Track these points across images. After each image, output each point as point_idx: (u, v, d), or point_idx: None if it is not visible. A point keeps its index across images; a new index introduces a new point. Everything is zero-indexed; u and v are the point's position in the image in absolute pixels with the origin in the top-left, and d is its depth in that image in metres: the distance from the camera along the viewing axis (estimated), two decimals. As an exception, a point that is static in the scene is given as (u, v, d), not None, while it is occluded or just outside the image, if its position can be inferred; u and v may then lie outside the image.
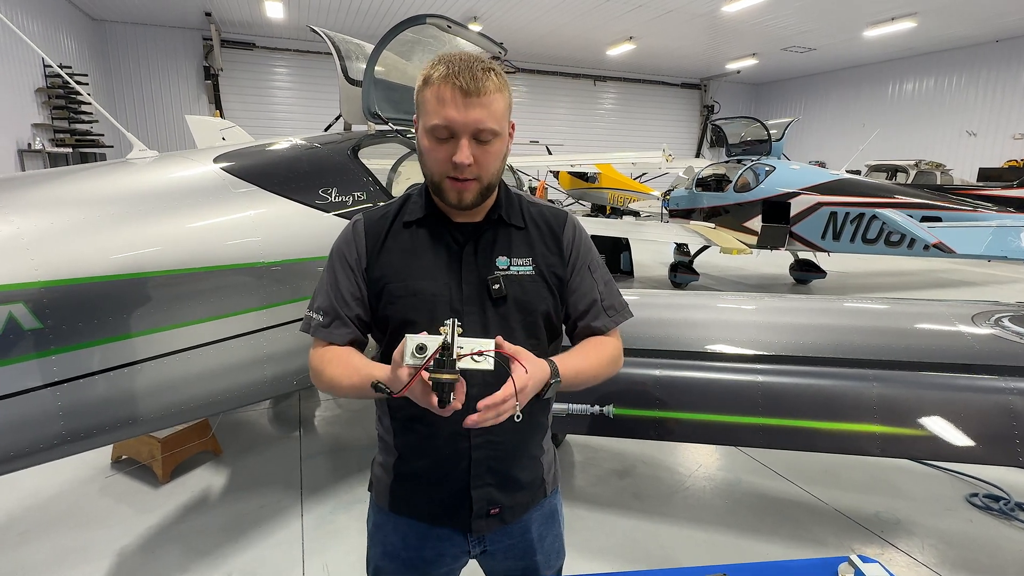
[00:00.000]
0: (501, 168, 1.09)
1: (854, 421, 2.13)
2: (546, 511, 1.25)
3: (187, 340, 1.81)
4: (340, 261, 1.15)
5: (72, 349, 1.54)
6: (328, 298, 1.15)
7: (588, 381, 1.12)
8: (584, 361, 1.11)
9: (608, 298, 1.20)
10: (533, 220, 1.18)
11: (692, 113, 21.85)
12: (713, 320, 2.74)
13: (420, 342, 0.87)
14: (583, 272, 1.18)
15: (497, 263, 1.11)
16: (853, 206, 6.58)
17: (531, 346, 1.12)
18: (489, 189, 1.08)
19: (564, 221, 1.19)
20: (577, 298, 1.18)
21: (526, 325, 1.12)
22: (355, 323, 1.14)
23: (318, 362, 1.13)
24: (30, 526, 2.69)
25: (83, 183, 1.86)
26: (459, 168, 1.02)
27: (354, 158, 2.63)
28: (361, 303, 1.14)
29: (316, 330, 1.15)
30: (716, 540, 2.61)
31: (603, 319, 1.19)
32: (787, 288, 8.58)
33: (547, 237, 1.17)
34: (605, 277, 1.22)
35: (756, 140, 8.11)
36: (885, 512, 2.82)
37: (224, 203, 2.00)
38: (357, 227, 1.17)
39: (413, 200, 1.17)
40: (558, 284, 1.15)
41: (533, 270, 1.13)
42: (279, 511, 2.80)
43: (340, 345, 1.14)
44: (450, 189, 1.05)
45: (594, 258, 1.21)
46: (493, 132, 1.03)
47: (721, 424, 2.28)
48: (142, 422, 1.76)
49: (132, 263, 1.68)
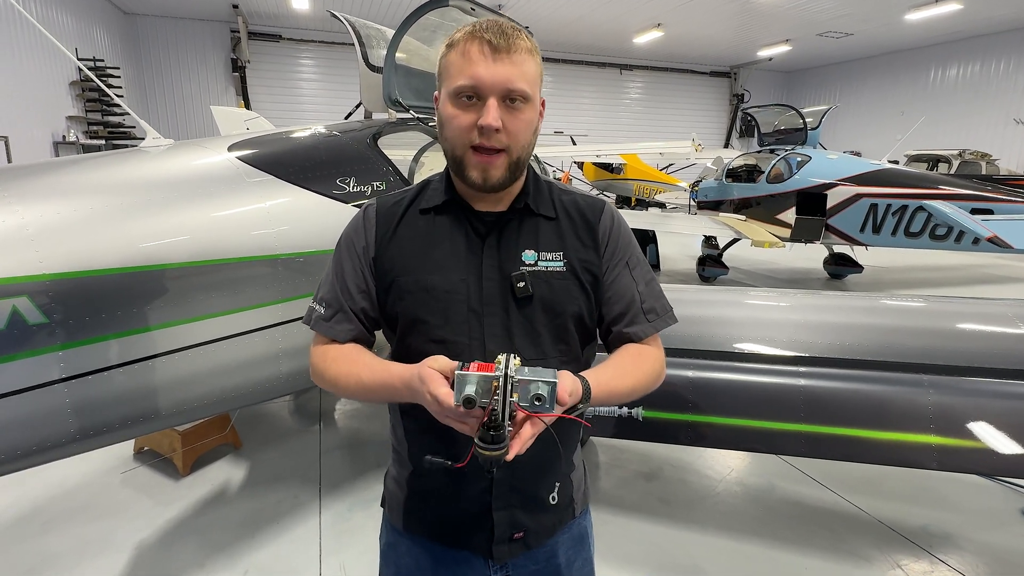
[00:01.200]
0: (532, 144, 0.98)
1: (907, 431, 1.97)
2: (575, 534, 1.14)
3: (197, 336, 1.75)
4: (347, 249, 1.06)
5: (78, 345, 1.49)
6: (332, 289, 1.05)
7: (622, 399, 0.99)
8: (620, 378, 0.98)
9: (649, 300, 1.07)
10: (565, 209, 1.06)
11: (721, 102, 21.28)
12: (749, 318, 2.58)
13: (468, 393, 0.76)
14: (621, 269, 1.06)
15: (523, 257, 1.00)
16: (896, 197, 6.24)
17: (559, 352, 1.01)
18: (519, 167, 0.96)
19: (601, 211, 1.07)
20: (613, 299, 1.05)
21: (554, 329, 1.00)
22: (360, 318, 1.04)
23: (319, 359, 1.04)
24: (54, 516, 2.70)
25: (92, 172, 1.81)
26: (486, 133, 0.90)
27: (374, 147, 2.54)
28: (367, 296, 1.04)
29: (317, 323, 1.05)
30: (748, 551, 2.47)
31: (641, 324, 1.06)
32: (821, 283, 8.26)
33: (580, 228, 1.05)
34: (646, 276, 1.09)
35: (791, 129, 7.79)
36: (933, 525, 2.63)
37: (238, 193, 1.93)
38: (368, 213, 1.06)
39: (433, 186, 1.07)
40: (592, 282, 1.03)
41: (564, 266, 1.01)
42: (297, 507, 2.76)
43: (342, 342, 1.04)
44: (474, 164, 0.94)
45: (634, 254, 1.09)
46: (524, 95, 0.92)
47: (759, 430, 2.14)
48: (151, 420, 1.71)
49: (141, 255, 1.62)
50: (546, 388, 0.77)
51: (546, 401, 0.77)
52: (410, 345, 1.00)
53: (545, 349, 0.99)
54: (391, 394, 0.92)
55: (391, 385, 0.91)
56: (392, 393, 0.92)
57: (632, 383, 0.99)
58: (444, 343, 0.97)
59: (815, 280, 8.42)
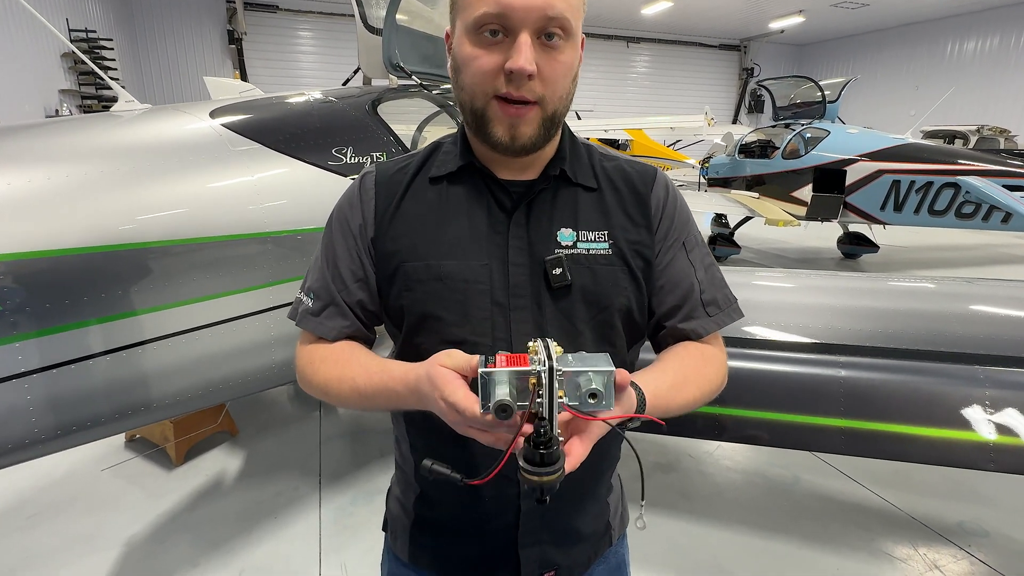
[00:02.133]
0: (571, 94, 0.78)
1: (960, 428, 1.79)
2: (612, 564, 0.97)
3: (177, 324, 1.57)
4: (340, 228, 0.86)
5: (37, 335, 1.31)
6: (322, 277, 0.86)
7: (678, 413, 0.79)
8: (681, 389, 0.78)
9: (709, 289, 0.88)
10: (609, 178, 0.86)
11: (730, 77, 20.74)
12: (779, 302, 2.38)
13: (502, 398, 0.56)
14: (676, 251, 0.86)
15: (559, 237, 0.81)
16: (920, 174, 5.96)
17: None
18: (554, 123, 0.76)
19: (653, 179, 0.87)
20: (667, 288, 0.86)
21: (597, 326, 0.81)
22: (356, 312, 0.86)
23: (306, 361, 0.85)
24: (40, 509, 2.56)
25: (52, 139, 1.60)
26: (516, 80, 0.70)
27: (373, 114, 2.32)
28: (365, 286, 0.85)
29: (303, 319, 0.87)
30: (774, 549, 2.32)
31: (701, 319, 0.87)
32: (834, 263, 8.04)
33: (629, 202, 0.85)
34: (706, 259, 0.90)
35: (808, 102, 7.47)
36: (970, 522, 2.48)
37: (220, 163, 1.73)
38: (365, 183, 0.86)
39: (445, 149, 0.87)
40: (643, 268, 0.84)
41: (609, 248, 0.82)
42: (296, 500, 2.61)
43: (331, 340, 0.85)
44: (499, 118, 0.74)
45: (692, 232, 0.89)
46: (565, 28, 0.71)
47: (792, 425, 1.97)
48: (127, 417, 1.54)
49: (107, 234, 1.43)
50: (602, 380, 0.58)
51: (603, 397, 0.58)
52: (419, 346, 0.82)
53: (586, 350, 0.81)
54: (393, 401, 0.74)
55: (392, 390, 0.73)
56: (394, 400, 0.74)
57: (695, 395, 0.80)
58: (462, 344, 0.78)
59: (827, 260, 8.20)
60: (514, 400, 0.57)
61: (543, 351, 0.59)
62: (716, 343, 0.89)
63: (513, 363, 0.59)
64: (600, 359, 0.61)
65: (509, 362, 0.60)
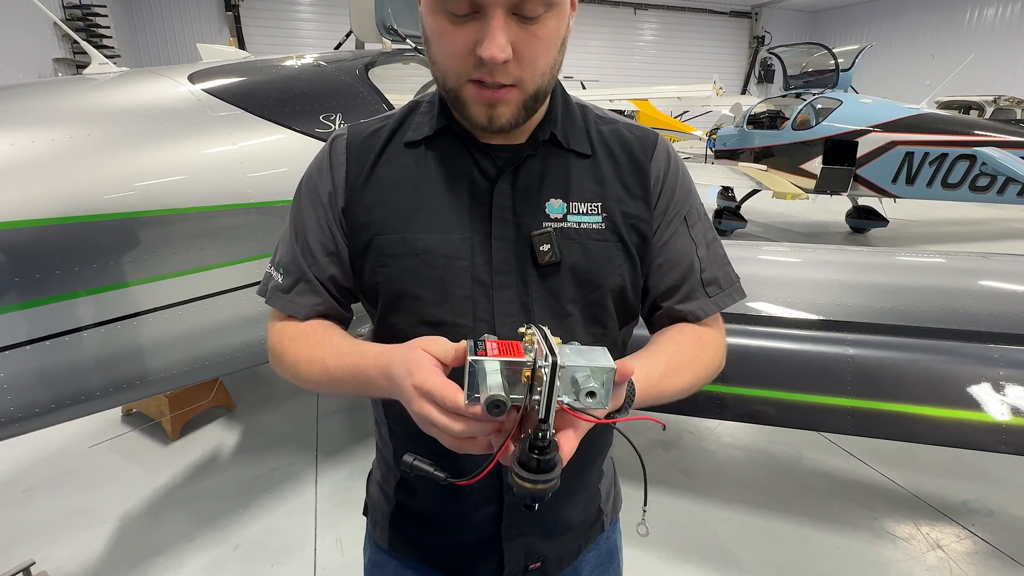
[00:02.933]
0: (557, 64, 0.68)
1: (972, 408, 1.73)
2: (603, 551, 0.93)
3: (153, 300, 1.51)
4: (309, 197, 0.79)
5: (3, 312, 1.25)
6: (291, 251, 0.80)
7: (671, 400, 0.73)
8: (674, 375, 0.71)
9: (710, 268, 0.81)
10: (605, 143, 0.78)
11: (740, 45, 20.17)
12: (786, 277, 2.30)
13: (495, 393, 0.50)
14: (677, 226, 0.79)
15: (548, 209, 0.73)
16: (935, 145, 5.77)
17: (592, 338, 0.75)
18: (537, 100, 0.68)
19: (653, 146, 0.79)
20: (666, 266, 0.79)
21: (587, 306, 0.75)
22: (329, 289, 0.79)
23: (276, 340, 0.79)
24: (36, 482, 2.55)
25: (19, 103, 1.51)
26: (488, 67, 0.62)
27: (365, 79, 2.21)
28: (337, 260, 0.78)
29: (273, 295, 0.80)
30: (775, 528, 2.29)
31: (700, 300, 0.80)
32: (841, 237, 7.91)
33: (626, 170, 0.77)
34: (708, 235, 0.82)
35: (820, 70, 7.23)
36: (974, 501, 2.44)
37: (199, 129, 1.64)
38: (336, 147, 0.78)
39: (423, 110, 0.78)
40: (639, 244, 0.76)
41: (603, 221, 0.74)
42: (292, 475, 2.60)
43: (302, 319, 0.79)
44: (475, 99, 0.66)
45: (694, 206, 0.81)
46: (545, 1, 0.62)
47: (798, 404, 1.91)
48: (100, 397, 1.49)
49: (76, 204, 1.35)
50: (601, 378, 0.52)
51: (601, 398, 0.52)
52: (395, 326, 0.76)
53: (575, 334, 0.74)
54: (364, 385, 0.67)
55: (364, 373, 0.66)
56: (365, 384, 0.67)
57: (689, 381, 0.73)
58: (440, 325, 0.72)
59: (835, 234, 8.06)
60: (507, 395, 0.50)
61: (542, 342, 0.52)
62: (715, 324, 0.82)
63: (506, 352, 0.53)
64: (599, 354, 0.54)
65: (501, 350, 0.53)
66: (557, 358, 0.50)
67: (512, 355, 0.52)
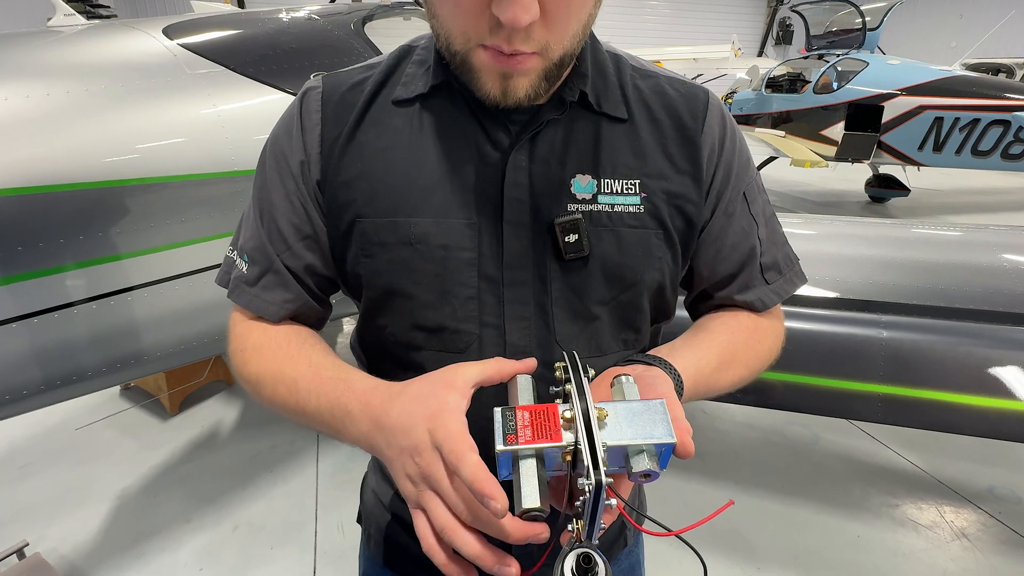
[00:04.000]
0: (590, 22, 0.54)
1: (1015, 398, 1.60)
2: (624, 567, 0.82)
3: (136, 276, 1.39)
4: (276, 166, 0.64)
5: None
6: (255, 233, 0.65)
7: (718, 394, 0.63)
8: (726, 369, 0.60)
9: (770, 250, 0.68)
10: (644, 104, 0.62)
11: (759, 4, 19.34)
12: (812, 252, 2.14)
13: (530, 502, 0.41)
14: (736, 206, 0.65)
15: (573, 187, 0.58)
16: (967, 110, 5.46)
17: (622, 345, 0.62)
18: (561, 67, 0.54)
19: (704, 107, 0.63)
20: (723, 254, 0.65)
21: (618, 308, 0.61)
22: (304, 281, 0.65)
23: (237, 346, 0.66)
24: (32, 459, 2.50)
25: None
26: (507, 32, 0.47)
27: (360, 35, 2.03)
28: (315, 245, 0.64)
29: (236, 289, 0.66)
30: (792, 514, 2.20)
31: (759, 289, 0.67)
32: (859, 207, 7.65)
33: (670, 139, 0.61)
34: (767, 210, 0.69)
35: (846, 29, 6.85)
36: (1001, 487, 2.34)
37: (175, 88, 1.48)
38: (308, 102, 0.63)
39: (416, 58, 0.63)
40: (684, 230, 0.62)
41: (641, 203, 0.59)
42: (292, 454, 2.53)
43: (273, 322, 0.65)
44: (487, 68, 0.52)
45: (753, 176, 0.67)
46: None
47: (825, 391, 1.79)
48: (91, 377, 1.39)
49: (36, 172, 1.22)
50: (657, 453, 0.43)
51: (657, 474, 0.44)
52: (383, 329, 0.63)
53: (601, 342, 0.61)
54: (341, 425, 0.54)
55: (346, 409, 0.53)
56: (343, 424, 0.54)
57: (741, 375, 0.63)
58: (439, 331, 0.59)
59: (852, 203, 7.80)
60: (544, 492, 0.41)
61: (581, 408, 0.43)
62: (776, 317, 0.70)
63: (541, 431, 0.43)
64: (654, 416, 0.44)
65: (534, 423, 0.43)
66: (602, 476, 0.39)
67: (550, 434, 0.43)
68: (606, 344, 0.61)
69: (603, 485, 0.39)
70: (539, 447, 0.42)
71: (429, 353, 0.61)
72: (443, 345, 0.60)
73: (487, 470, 0.42)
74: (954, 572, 1.94)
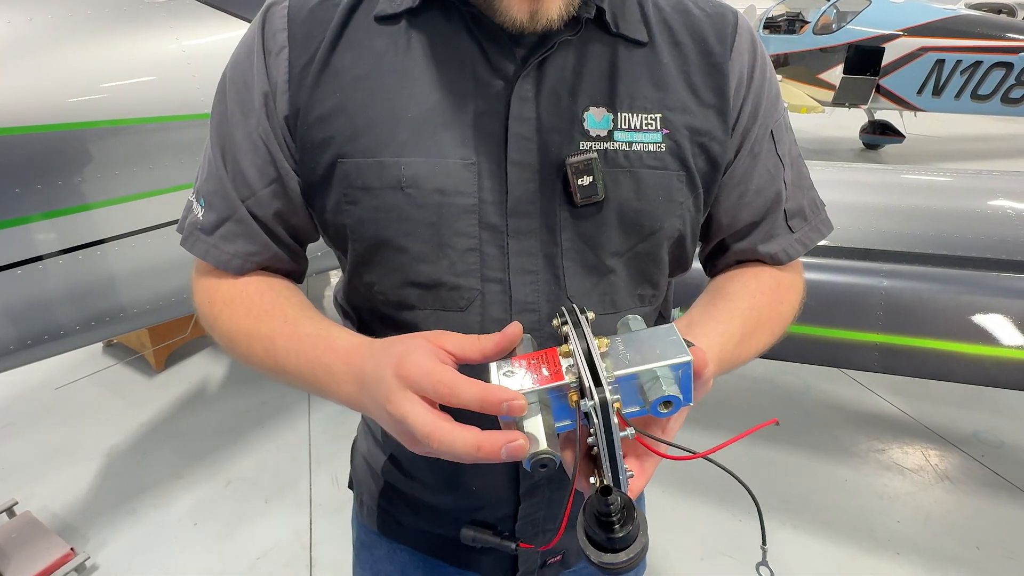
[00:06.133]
0: None
1: (1015, 345, 1.59)
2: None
3: (95, 231, 1.29)
4: (237, 98, 0.55)
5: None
6: (216, 175, 0.57)
7: (739, 365, 0.57)
8: (750, 339, 0.55)
9: (795, 195, 0.61)
10: (667, 26, 0.54)
11: (756, -61, 18.46)
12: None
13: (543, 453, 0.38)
14: (763, 144, 0.57)
15: (586, 122, 0.51)
16: (971, 51, 5.28)
17: (637, 301, 0.56)
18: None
19: (733, 31, 0.55)
20: (746, 198, 0.58)
21: (635, 260, 0.55)
22: (274, 230, 0.58)
23: (204, 299, 0.59)
24: (16, 418, 2.45)
25: None
26: None
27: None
28: (282, 191, 0.56)
29: (191, 236, 0.58)
30: (782, 461, 2.24)
31: (783, 238, 0.61)
32: (853, 154, 7.55)
33: (695, 66, 0.53)
34: (793, 150, 0.61)
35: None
36: (985, 432, 2.39)
37: (133, 18, 1.34)
38: (272, 20, 0.54)
39: None
40: (708, 172, 0.55)
41: (663, 140, 0.52)
42: (283, 409, 2.50)
43: (236, 274, 0.58)
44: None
45: (781, 112, 0.59)
46: None
47: (822, 340, 1.78)
48: (67, 335, 1.32)
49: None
50: (675, 377, 0.39)
51: (679, 404, 0.39)
52: (371, 287, 0.56)
53: (616, 297, 0.55)
54: (324, 383, 0.49)
55: (328, 369, 0.48)
56: (326, 383, 0.49)
57: (766, 341, 0.58)
58: (435, 289, 0.53)
59: (846, 151, 7.69)
60: (552, 437, 0.38)
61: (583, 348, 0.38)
62: (796, 271, 0.64)
63: (541, 373, 0.39)
64: (664, 339, 0.39)
65: (531, 367, 0.40)
66: (605, 392, 0.36)
67: (551, 375, 0.39)
68: (621, 300, 0.55)
69: (609, 403, 0.35)
70: (540, 388, 0.38)
71: (425, 312, 0.54)
72: (440, 303, 0.53)
73: (480, 381, 0.38)
74: (937, 513, 1.99)
